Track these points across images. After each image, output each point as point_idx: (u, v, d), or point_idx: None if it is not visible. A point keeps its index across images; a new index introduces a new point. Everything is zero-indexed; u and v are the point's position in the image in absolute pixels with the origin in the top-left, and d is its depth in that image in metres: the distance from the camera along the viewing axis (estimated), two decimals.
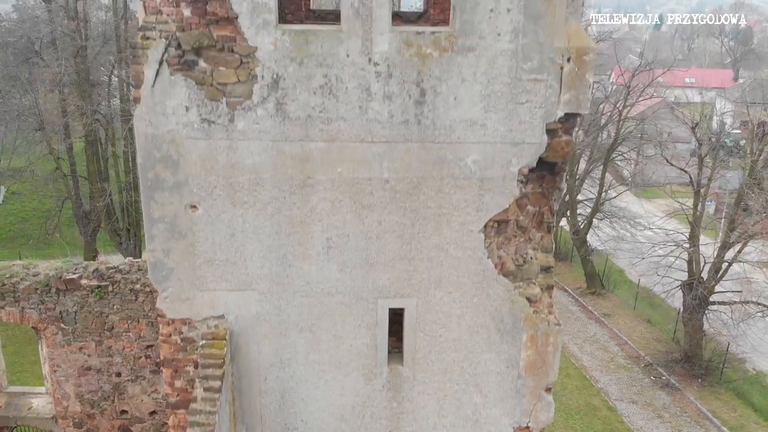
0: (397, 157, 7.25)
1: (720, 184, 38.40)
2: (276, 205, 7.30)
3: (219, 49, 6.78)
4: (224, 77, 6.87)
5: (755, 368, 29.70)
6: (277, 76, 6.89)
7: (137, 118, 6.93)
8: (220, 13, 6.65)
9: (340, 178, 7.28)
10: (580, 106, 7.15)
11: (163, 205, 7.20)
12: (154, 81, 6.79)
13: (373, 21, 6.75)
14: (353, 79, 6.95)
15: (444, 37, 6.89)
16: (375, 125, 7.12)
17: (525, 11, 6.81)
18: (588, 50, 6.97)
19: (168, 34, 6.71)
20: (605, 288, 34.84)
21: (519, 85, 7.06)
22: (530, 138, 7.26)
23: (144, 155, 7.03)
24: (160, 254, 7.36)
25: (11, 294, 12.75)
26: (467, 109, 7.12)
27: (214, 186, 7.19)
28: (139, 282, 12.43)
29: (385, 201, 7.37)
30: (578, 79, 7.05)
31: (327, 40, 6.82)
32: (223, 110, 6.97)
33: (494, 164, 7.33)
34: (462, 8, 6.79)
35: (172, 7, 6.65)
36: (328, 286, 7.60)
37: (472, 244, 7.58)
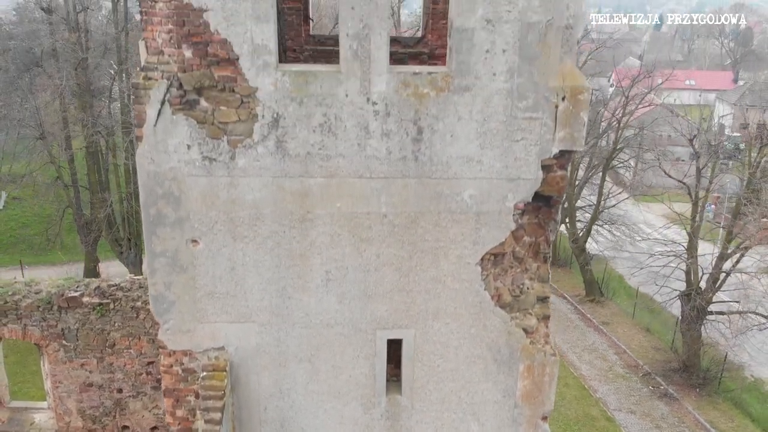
0: (395, 192, 7.38)
1: (719, 183, 38.51)
2: (276, 239, 7.43)
3: (220, 89, 6.91)
4: (225, 116, 7.00)
5: (753, 375, 29.83)
6: (277, 115, 7.02)
7: (140, 156, 7.06)
8: (221, 54, 6.79)
9: (339, 213, 7.41)
10: (574, 143, 7.28)
11: (164, 240, 7.33)
12: (156, 120, 6.92)
13: (371, 62, 6.88)
14: (352, 118, 7.08)
15: (440, 78, 7.03)
16: (373, 161, 7.25)
17: (520, 52, 6.94)
18: (582, 89, 7.10)
19: (170, 75, 6.84)
20: (604, 295, 34.97)
21: (514, 123, 7.19)
22: (526, 174, 7.39)
23: (146, 192, 7.17)
24: (161, 288, 7.50)
25: (13, 311, 12.87)
26: (463, 146, 7.25)
27: (215, 221, 7.32)
28: (140, 299, 12.54)
29: (384, 235, 7.50)
30: (573, 117, 7.18)
31: (326, 81, 6.95)
32: (224, 148, 7.10)
33: (490, 199, 7.46)
34: (458, 49, 6.92)
35: (174, 48, 6.78)
36: (327, 317, 7.73)
37: (469, 277, 7.71)
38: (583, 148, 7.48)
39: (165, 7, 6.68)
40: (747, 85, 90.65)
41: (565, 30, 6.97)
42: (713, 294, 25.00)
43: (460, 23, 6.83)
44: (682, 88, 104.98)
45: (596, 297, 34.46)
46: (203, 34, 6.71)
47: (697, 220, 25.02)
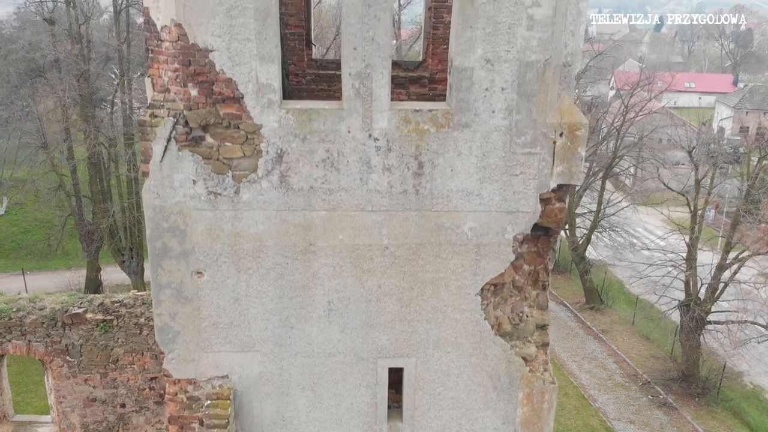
0: (397, 225, 7.52)
1: (719, 192, 38.68)
2: (279, 270, 7.57)
3: (225, 126, 7.06)
4: (230, 152, 7.14)
5: (753, 382, 29.95)
6: (281, 151, 7.17)
7: (146, 191, 7.20)
8: (226, 93, 6.93)
9: (341, 245, 7.55)
10: (572, 177, 7.43)
11: (170, 272, 7.47)
12: (163, 156, 7.06)
13: (373, 100, 7.02)
14: (354, 153, 7.22)
15: (441, 114, 7.17)
16: (375, 195, 7.39)
17: (518, 90, 7.08)
18: (580, 126, 7.24)
19: (176, 112, 6.98)
20: (604, 303, 35.11)
21: (513, 158, 7.34)
22: (524, 207, 7.53)
23: (152, 226, 7.31)
24: (166, 318, 7.64)
25: (18, 327, 13.03)
26: (463, 180, 7.39)
27: (220, 253, 7.46)
28: (143, 316, 12.72)
29: (385, 266, 7.64)
30: (570, 152, 7.32)
31: (329, 118, 7.10)
32: (229, 183, 7.24)
33: (490, 231, 7.60)
34: (458, 88, 7.06)
35: (180, 86, 6.92)
36: (329, 346, 7.87)
37: (470, 307, 7.85)
38: (580, 182, 7.60)
39: (171, 47, 6.83)
40: (747, 88, 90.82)
41: (563, 68, 7.12)
42: (712, 304, 25.14)
43: (459, 62, 6.97)
44: (682, 91, 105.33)
45: (596, 305, 34.61)
46: (209, 74, 6.85)
47: (696, 231, 25.13)
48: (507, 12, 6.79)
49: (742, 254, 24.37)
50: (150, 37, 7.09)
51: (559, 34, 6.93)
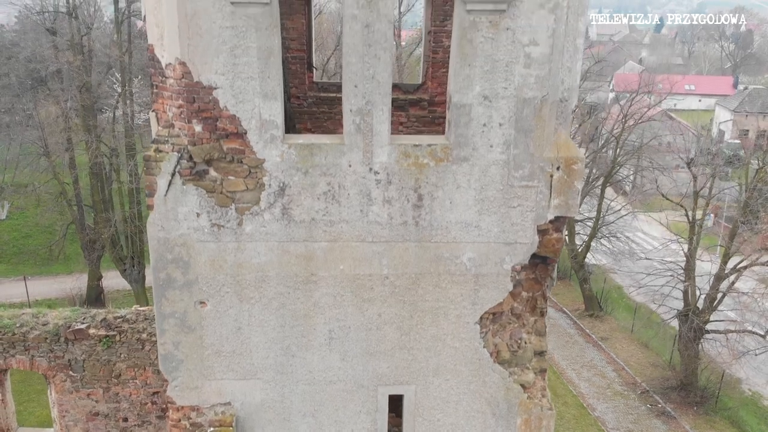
0: (397, 255, 7.66)
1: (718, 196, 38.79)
2: (281, 300, 7.70)
3: (229, 160, 7.20)
4: (233, 186, 7.28)
5: (751, 389, 30.07)
6: (283, 185, 7.31)
7: (150, 223, 7.34)
8: (229, 129, 7.07)
9: (342, 275, 7.68)
10: (569, 210, 7.57)
11: (173, 302, 7.61)
12: (167, 190, 7.20)
13: (373, 136, 7.16)
14: (355, 186, 7.36)
15: (440, 149, 7.31)
16: (375, 227, 7.53)
17: (516, 125, 7.22)
18: (576, 160, 7.38)
19: (180, 147, 7.12)
20: (603, 310, 35.24)
21: (511, 191, 7.47)
22: (522, 238, 7.66)
23: (156, 257, 7.44)
24: (170, 347, 7.77)
25: (21, 343, 13.18)
26: (462, 212, 7.53)
27: (222, 284, 7.60)
28: (145, 331, 12.87)
29: (385, 295, 7.78)
30: (567, 185, 7.45)
31: (330, 152, 7.23)
32: (232, 215, 7.38)
33: (488, 262, 7.73)
34: (457, 123, 7.20)
35: (184, 122, 7.06)
36: (330, 374, 8.01)
37: (469, 335, 7.98)
38: (577, 214, 7.74)
39: (175, 84, 6.97)
40: (747, 91, 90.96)
41: (560, 103, 7.25)
42: (710, 314, 25.29)
43: (458, 99, 7.11)
44: (682, 93, 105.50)
45: (595, 312, 34.74)
46: (213, 110, 6.99)
47: (695, 242, 25.27)
48: (504, 51, 6.93)
49: (741, 264, 24.50)
50: (155, 74, 7.23)
51: (556, 71, 7.07)
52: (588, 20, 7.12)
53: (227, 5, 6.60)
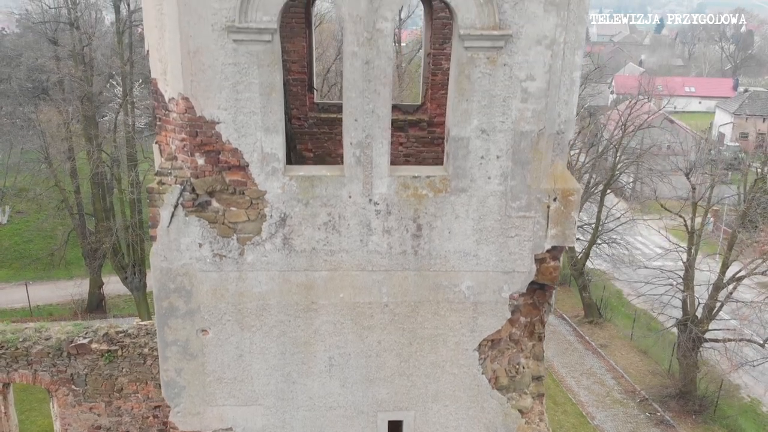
0: (396, 284, 7.77)
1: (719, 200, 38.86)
2: (281, 328, 7.82)
3: (231, 192, 7.31)
4: (235, 217, 7.39)
5: (750, 395, 30.15)
6: (284, 215, 7.42)
7: (154, 254, 7.45)
8: (232, 162, 7.18)
9: (342, 303, 7.79)
10: (566, 239, 7.68)
11: (176, 330, 7.72)
12: (170, 222, 7.31)
13: (373, 168, 7.28)
14: (355, 217, 7.47)
15: (438, 180, 7.42)
16: (375, 256, 7.64)
17: (513, 158, 7.33)
18: (573, 191, 7.49)
19: (183, 180, 7.23)
20: (603, 317, 35.31)
21: (508, 221, 7.59)
22: (520, 267, 7.78)
23: (159, 287, 7.56)
24: (173, 374, 7.88)
25: (24, 357, 13.31)
26: (461, 242, 7.64)
27: (224, 312, 7.71)
28: (147, 346, 13.00)
29: (385, 323, 7.89)
30: (564, 216, 7.57)
31: (331, 184, 7.35)
32: (234, 245, 7.49)
33: (487, 290, 7.84)
34: (455, 155, 7.32)
35: (187, 155, 7.17)
36: (330, 400, 8.12)
37: (467, 362, 8.09)
38: (574, 243, 7.85)
39: (179, 118, 7.08)
40: (747, 94, 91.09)
41: (556, 135, 7.36)
42: (709, 323, 25.39)
43: (456, 132, 7.22)
44: (683, 95, 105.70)
45: (595, 318, 34.80)
46: (215, 144, 7.11)
47: (693, 252, 25.38)
48: (502, 86, 7.04)
49: (739, 273, 24.60)
50: (158, 107, 7.34)
51: (552, 105, 7.18)
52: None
53: (229, 43, 6.71)
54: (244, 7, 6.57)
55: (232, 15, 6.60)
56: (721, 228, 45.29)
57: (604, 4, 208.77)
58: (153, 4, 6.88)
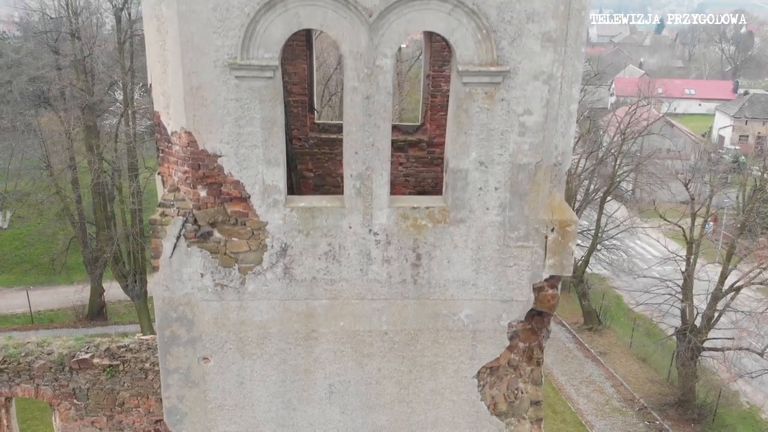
0: (396, 312, 7.86)
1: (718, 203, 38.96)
2: (282, 356, 7.90)
3: (232, 223, 7.40)
4: (237, 247, 7.48)
5: (749, 402, 30.24)
6: (285, 245, 7.51)
7: (156, 284, 7.54)
8: (233, 193, 7.28)
9: (342, 331, 7.88)
10: (563, 269, 7.77)
11: (178, 358, 7.81)
12: (172, 253, 7.40)
13: (373, 199, 7.37)
14: (355, 247, 7.56)
15: (437, 211, 7.51)
16: (375, 285, 7.73)
17: (511, 189, 7.42)
18: (570, 222, 7.58)
19: (185, 212, 7.32)
20: (602, 324, 35.41)
21: (507, 251, 7.67)
22: (519, 296, 7.87)
23: (161, 316, 7.65)
24: (175, 401, 7.97)
25: (26, 372, 13.42)
26: (459, 271, 7.73)
27: (225, 340, 7.80)
28: (148, 361, 13.10)
29: (384, 350, 7.98)
30: (561, 246, 7.66)
31: (331, 215, 7.44)
32: (235, 275, 7.58)
33: (486, 318, 7.93)
34: (454, 187, 7.41)
35: (189, 187, 7.26)
36: (330, 427, 8.20)
37: (467, 389, 8.18)
38: (571, 273, 7.93)
39: (181, 151, 7.17)
40: (747, 96, 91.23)
41: (554, 167, 7.46)
42: (708, 332, 25.49)
43: (455, 164, 7.31)
44: (683, 98, 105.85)
45: (594, 326, 34.92)
46: (217, 176, 7.20)
47: (692, 262, 25.46)
48: (500, 120, 7.13)
49: (737, 282, 24.70)
50: (161, 139, 7.44)
51: (550, 137, 7.27)
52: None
53: (232, 79, 6.81)
54: (245, 45, 6.67)
55: (234, 52, 6.70)
56: (720, 232, 45.40)
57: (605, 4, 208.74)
58: (156, 40, 6.97)
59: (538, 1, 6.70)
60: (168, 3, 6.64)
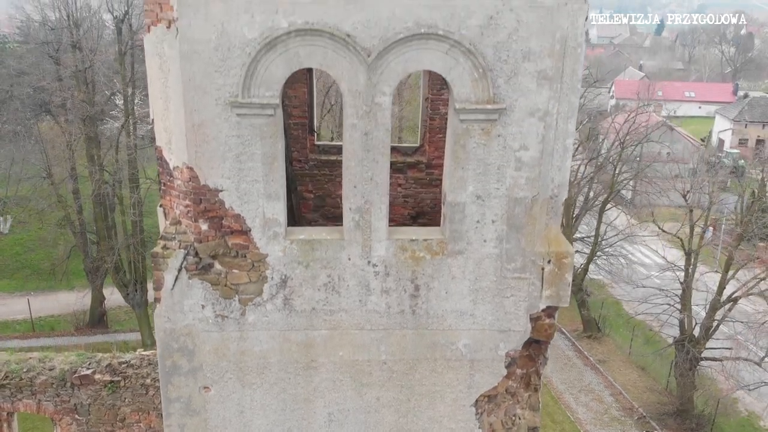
0: (394, 342, 7.96)
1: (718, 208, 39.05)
2: (282, 385, 8.00)
3: (233, 255, 7.50)
4: (237, 278, 7.58)
5: (747, 409, 30.31)
6: (285, 277, 7.61)
7: (157, 315, 7.64)
8: (234, 227, 7.38)
9: (341, 361, 7.98)
10: (560, 300, 7.87)
11: (179, 387, 7.91)
12: (174, 285, 7.50)
13: (372, 232, 7.47)
14: (354, 278, 7.66)
15: (435, 243, 7.61)
16: (374, 315, 7.83)
17: (508, 222, 7.52)
18: (566, 255, 7.68)
19: (186, 245, 7.42)
20: (601, 331, 35.50)
21: (504, 282, 7.78)
22: (516, 326, 7.97)
23: (163, 346, 7.75)
24: (176, 429, 8.07)
25: (28, 387, 13.53)
26: (457, 302, 7.83)
27: (226, 370, 7.90)
28: (149, 377, 13.23)
29: (383, 380, 8.08)
30: (558, 278, 7.76)
31: (331, 247, 7.54)
32: (236, 306, 7.68)
33: (483, 348, 8.03)
34: (452, 219, 7.51)
35: (191, 221, 7.37)
36: None
37: (465, 417, 8.28)
38: (567, 303, 8.03)
39: (183, 186, 7.28)
40: (747, 100, 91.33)
41: (550, 200, 7.55)
42: (706, 342, 25.59)
43: (452, 198, 7.41)
44: (682, 100, 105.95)
45: (593, 333, 35.01)
46: (218, 210, 7.30)
47: (690, 273, 25.56)
48: (496, 155, 7.23)
49: (736, 293, 24.80)
50: (162, 172, 7.54)
51: (546, 172, 7.37)
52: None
53: (233, 116, 6.91)
54: (247, 84, 6.77)
55: (236, 90, 6.80)
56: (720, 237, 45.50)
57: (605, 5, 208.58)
58: (158, 77, 7.08)
59: (534, 41, 6.80)
60: (170, 42, 6.75)
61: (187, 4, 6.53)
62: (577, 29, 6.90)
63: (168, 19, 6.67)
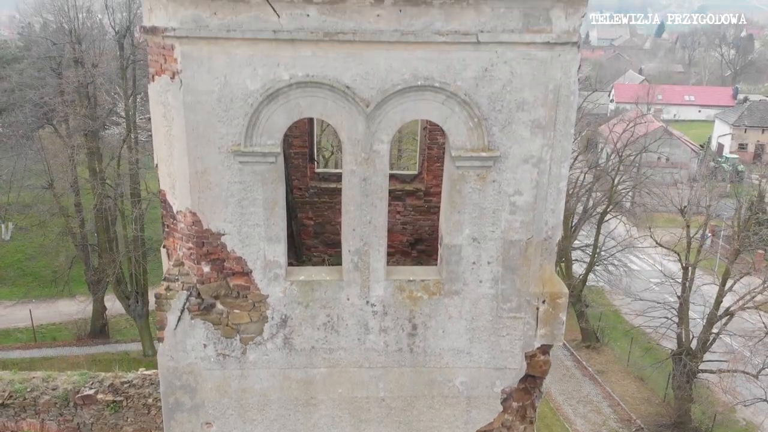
0: (392, 379, 8.13)
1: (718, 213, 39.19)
2: (282, 421, 8.17)
3: (234, 296, 7.67)
4: (238, 318, 7.75)
5: (745, 419, 30.43)
6: (285, 317, 7.78)
7: (161, 354, 7.81)
8: (236, 269, 7.55)
9: (340, 398, 8.15)
10: (554, 339, 8.04)
11: (182, 423, 8.08)
12: (177, 325, 7.67)
13: (370, 272, 7.64)
14: (353, 318, 7.84)
15: (432, 284, 7.79)
16: (372, 353, 8.00)
17: (503, 264, 7.69)
18: (561, 295, 7.85)
19: (189, 286, 7.60)
20: (600, 342, 35.65)
21: (500, 322, 7.95)
22: (511, 364, 8.14)
23: (166, 384, 7.92)
24: None
25: (32, 407, 13.70)
26: (454, 340, 8.00)
27: (227, 407, 8.07)
28: (151, 396, 13.38)
29: (381, 416, 8.25)
30: (552, 317, 7.93)
31: (330, 288, 7.71)
32: (237, 345, 7.85)
33: (480, 385, 8.21)
34: (448, 261, 7.68)
35: (193, 263, 7.54)
36: None
37: None
38: (561, 342, 8.20)
39: (186, 229, 7.45)
40: (746, 104, 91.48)
41: (544, 242, 7.73)
42: (702, 355, 25.74)
43: (449, 240, 7.59)
44: (682, 104, 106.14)
45: (592, 343, 35.16)
46: (220, 253, 7.47)
47: (688, 287, 25.73)
48: (491, 200, 7.41)
49: (732, 306, 24.96)
50: (166, 215, 7.71)
51: (540, 215, 7.55)
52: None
53: (235, 163, 7.08)
54: (249, 133, 6.94)
55: (238, 139, 6.97)
56: (718, 244, 45.67)
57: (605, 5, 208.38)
58: (162, 124, 7.25)
59: (527, 92, 6.98)
60: (174, 93, 6.92)
61: (191, 57, 6.71)
62: (570, 78, 7.08)
63: (172, 71, 6.85)
